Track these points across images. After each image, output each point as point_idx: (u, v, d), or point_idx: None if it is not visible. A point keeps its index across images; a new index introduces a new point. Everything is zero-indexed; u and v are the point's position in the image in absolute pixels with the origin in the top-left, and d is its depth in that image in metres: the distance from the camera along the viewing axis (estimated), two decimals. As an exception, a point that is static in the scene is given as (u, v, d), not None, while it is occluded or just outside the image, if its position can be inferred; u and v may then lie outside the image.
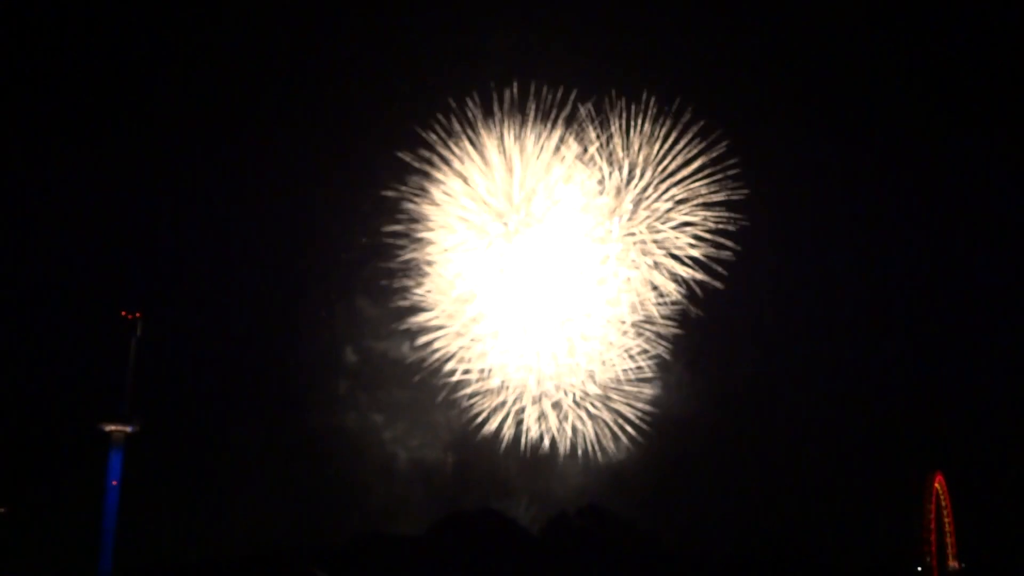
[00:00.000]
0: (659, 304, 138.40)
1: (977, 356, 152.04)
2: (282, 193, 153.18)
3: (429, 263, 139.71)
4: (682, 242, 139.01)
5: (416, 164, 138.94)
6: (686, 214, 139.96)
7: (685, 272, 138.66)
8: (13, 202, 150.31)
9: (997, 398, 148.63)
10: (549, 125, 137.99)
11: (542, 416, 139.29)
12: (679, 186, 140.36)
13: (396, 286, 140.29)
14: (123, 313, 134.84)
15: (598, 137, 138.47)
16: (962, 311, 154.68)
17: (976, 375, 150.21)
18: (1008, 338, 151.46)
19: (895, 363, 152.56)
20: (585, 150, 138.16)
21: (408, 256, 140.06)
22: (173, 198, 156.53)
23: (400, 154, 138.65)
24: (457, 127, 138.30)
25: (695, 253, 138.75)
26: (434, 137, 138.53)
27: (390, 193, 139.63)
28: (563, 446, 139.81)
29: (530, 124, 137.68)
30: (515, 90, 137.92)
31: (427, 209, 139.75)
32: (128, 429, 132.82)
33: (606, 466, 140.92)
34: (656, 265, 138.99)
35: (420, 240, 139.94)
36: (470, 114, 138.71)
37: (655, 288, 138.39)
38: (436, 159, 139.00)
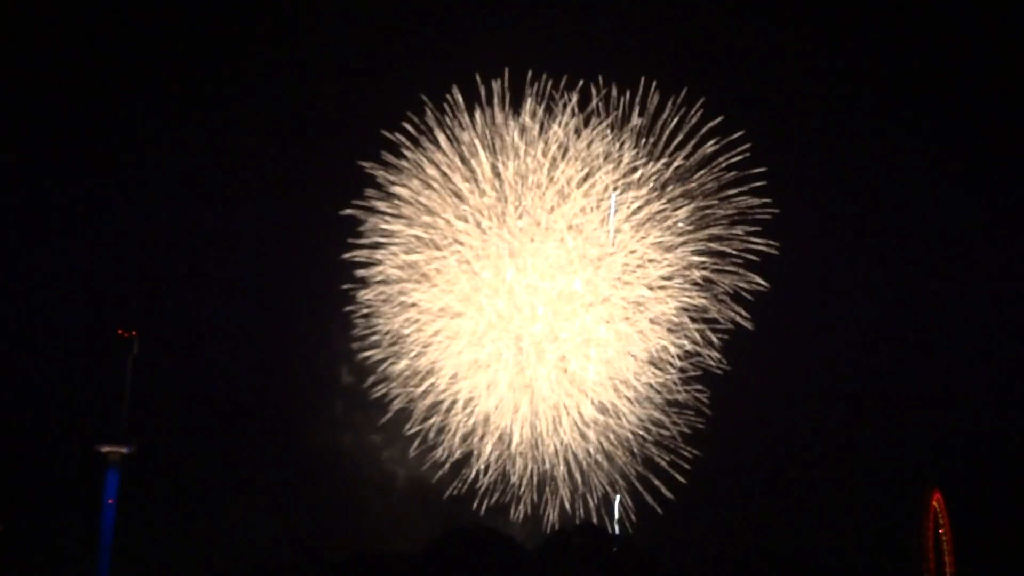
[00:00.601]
0: (654, 326, 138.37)
1: (975, 373, 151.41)
2: (278, 210, 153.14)
3: (420, 280, 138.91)
4: (672, 264, 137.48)
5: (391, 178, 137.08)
6: (690, 235, 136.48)
7: (682, 295, 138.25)
8: (5, 220, 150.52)
9: (995, 415, 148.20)
10: (544, 127, 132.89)
11: (538, 436, 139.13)
12: (686, 200, 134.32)
13: (369, 313, 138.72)
14: (119, 331, 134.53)
15: (590, 147, 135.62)
16: (964, 330, 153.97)
17: (974, 392, 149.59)
18: (1008, 356, 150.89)
19: (893, 380, 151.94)
20: (580, 170, 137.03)
21: (391, 276, 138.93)
22: (168, 214, 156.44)
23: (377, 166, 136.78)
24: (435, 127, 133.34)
25: (697, 276, 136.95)
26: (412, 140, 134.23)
27: (348, 211, 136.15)
28: (560, 465, 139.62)
29: (524, 125, 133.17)
30: (506, 81, 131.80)
31: (413, 227, 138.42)
32: (124, 450, 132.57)
33: (602, 485, 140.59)
34: (652, 288, 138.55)
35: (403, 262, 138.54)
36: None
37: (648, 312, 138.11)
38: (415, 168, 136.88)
